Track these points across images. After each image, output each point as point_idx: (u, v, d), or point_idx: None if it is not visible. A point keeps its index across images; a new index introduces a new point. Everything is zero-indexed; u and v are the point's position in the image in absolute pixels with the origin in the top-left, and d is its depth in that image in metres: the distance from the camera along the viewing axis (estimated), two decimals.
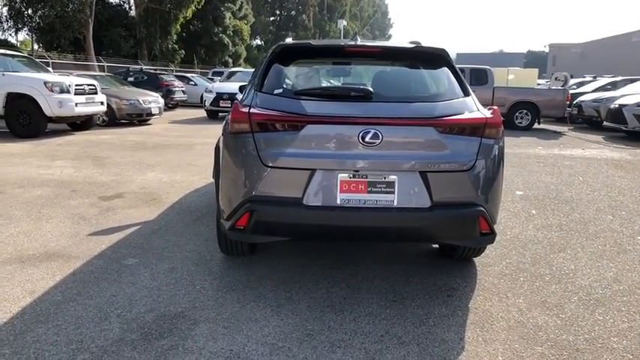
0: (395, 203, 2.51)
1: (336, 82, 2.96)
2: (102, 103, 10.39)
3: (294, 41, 3.08)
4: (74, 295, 2.75)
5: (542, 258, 3.49)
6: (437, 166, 2.51)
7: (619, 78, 16.60)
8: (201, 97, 18.81)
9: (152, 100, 12.19)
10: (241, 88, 5.18)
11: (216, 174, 3.04)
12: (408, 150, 2.53)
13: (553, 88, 13.03)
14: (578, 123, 13.88)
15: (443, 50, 2.92)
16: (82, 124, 10.48)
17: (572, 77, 15.27)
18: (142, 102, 11.74)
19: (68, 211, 4.44)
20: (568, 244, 3.82)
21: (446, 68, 2.89)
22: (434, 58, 2.93)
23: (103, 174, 6.08)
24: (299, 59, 2.95)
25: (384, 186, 2.52)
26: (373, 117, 2.50)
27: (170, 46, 27.02)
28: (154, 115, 12.24)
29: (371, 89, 2.63)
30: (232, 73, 16.36)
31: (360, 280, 3.01)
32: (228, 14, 31.04)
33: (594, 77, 18.63)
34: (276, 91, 2.70)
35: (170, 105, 16.50)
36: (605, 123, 11.81)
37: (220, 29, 30.79)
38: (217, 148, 3.05)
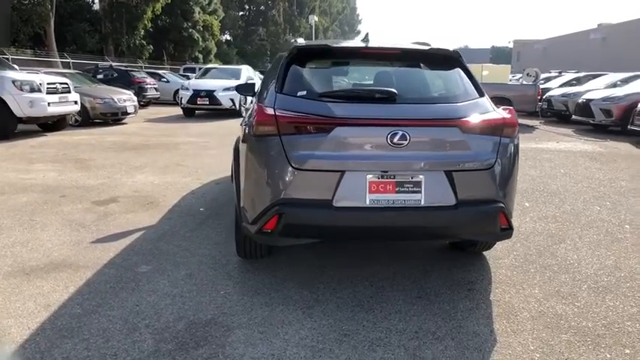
0: (422, 202, 2.57)
1: (354, 84, 2.98)
2: (75, 102, 10.02)
3: (311, 42, 3.08)
4: (94, 307, 2.67)
5: (545, 249, 3.63)
6: (461, 165, 2.58)
7: (582, 74, 17.34)
8: (175, 94, 18.51)
9: (127, 98, 11.85)
10: (238, 88, 5.14)
11: (237, 177, 3.01)
12: (434, 150, 2.58)
13: (524, 83, 13.47)
14: (548, 117, 14.42)
15: (455, 52, 2.99)
16: (53, 124, 10.07)
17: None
18: (116, 100, 11.39)
19: (63, 217, 4.28)
20: (566, 234, 3.99)
21: (459, 69, 2.95)
22: (448, 59, 2.99)
23: (90, 177, 5.89)
24: (317, 60, 2.95)
25: (412, 186, 2.57)
26: (401, 118, 2.54)
27: (138, 41, 26.23)
28: (129, 114, 11.90)
29: (395, 91, 2.67)
30: (207, 70, 16.07)
31: (382, 278, 3.05)
32: (197, 9, 30.38)
33: (560, 72, 19.39)
34: (299, 93, 2.69)
35: (142, 103, 16.05)
36: (574, 117, 12.32)
37: (189, 24, 30.13)
38: (236, 150, 3.02)
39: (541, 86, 14.38)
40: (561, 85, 16.13)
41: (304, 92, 2.70)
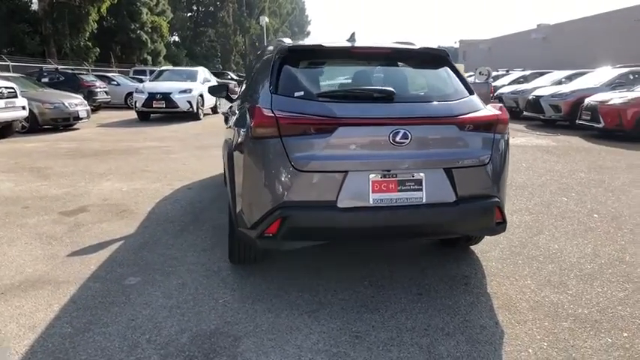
0: (424, 200, 2.59)
1: (350, 84, 2.96)
2: (23, 107, 9.40)
3: (301, 43, 3.04)
4: (86, 325, 2.49)
5: (527, 241, 3.78)
6: (460, 162, 2.62)
7: (528, 72, 18.30)
8: (126, 97, 17.79)
9: (79, 102, 11.25)
10: (211, 90, 5.00)
11: (231, 181, 2.91)
12: (434, 148, 2.61)
13: (477, 81, 14.01)
14: None
15: (444, 51, 3.04)
16: None
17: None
18: (67, 105, 10.78)
19: (30, 230, 3.99)
20: (543, 225, 4.17)
21: (448, 68, 3.01)
22: (437, 58, 3.04)
23: (52, 186, 5.52)
24: (310, 60, 2.91)
25: (413, 184, 2.58)
26: (401, 117, 2.55)
27: (82, 43, 24.89)
28: (81, 119, 11.30)
29: (394, 90, 2.67)
30: (161, 72, 15.55)
31: (379, 277, 3.05)
32: (144, 10, 29.24)
33: (507, 71, 20.33)
34: (296, 94, 2.64)
35: (93, 107, 15.27)
36: (525, 112, 12.96)
37: (137, 25, 28.96)
38: (230, 153, 2.92)
39: (493, 84, 15.03)
40: (510, 83, 16.94)
41: (301, 93, 2.65)
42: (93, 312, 2.63)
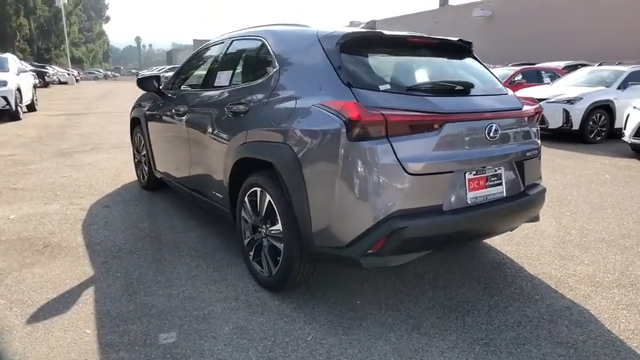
0: (504, 194, 2.59)
1: (420, 76, 2.69)
2: None
3: (354, 29, 2.67)
4: None
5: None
6: (527, 153, 2.70)
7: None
8: None
9: None
10: (141, 82, 4.10)
11: (299, 196, 2.36)
12: (512, 141, 2.62)
13: None
14: None
15: (470, 43, 3.04)
16: None
17: None
18: None
19: None
20: None
21: (476, 60, 3.03)
22: (469, 52, 3.01)
23: None
24: (369, 49, 2.55)
25: (496, 178, 2.55)
26: (491, 111, 2.50)
27: None
28: None
29: (472, 82, 2.57)
30: None
31: (436, 286, 2.94)
32: None
33: None
34: (382, 87, 2.31)
35: None
36: None
37: None
38: (295, 159, 2.36)
39: None
40: None
41: (387, 86, 2.34)
42: None
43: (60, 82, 34.02)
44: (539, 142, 2.84)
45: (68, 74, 37.77)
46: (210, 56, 3.83)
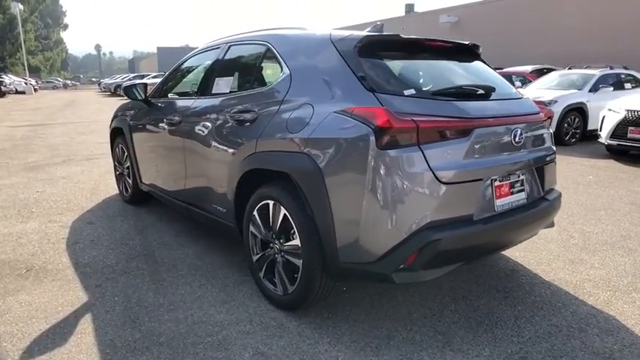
0: (526, 200, 2.52)
1: (442, 80, 2.58)
2: None
3: (381, 33, 2.56)
4: None
5: None
6: (546, 158, 2.64)
7: None
8: None
9: None
10: (127, 90, 3.86)
11: (321, 208, 2.19)
12: (534, 146, 2.55)
13: None
14: None
15: (479, 47, 2.98)
16: None
17: None
18: None
19: None
20: None
21: (484, 63, 2.97)
22: (477, 55, 2.96)
23: None
24: (388, 52, 2.44)
25: (519, 184, 2.49)
26: (515, 115, 2.43)
27: None
28: None
29: (492, 86, 2.50)
30: None
31: (439, 304, 2.85)
32: None
33: None
34: (407, 92, 2.20)
35: None
36: None
37: None
38: (318, 169, 2.20)
39: None
40: None
41: (412, 91, 2.22)
42: None
43: (17, 92, 32.54)
44: (554, 147, 2.80)
45: (26, 83, 36.15)
46: (204, 63, 3.63)
